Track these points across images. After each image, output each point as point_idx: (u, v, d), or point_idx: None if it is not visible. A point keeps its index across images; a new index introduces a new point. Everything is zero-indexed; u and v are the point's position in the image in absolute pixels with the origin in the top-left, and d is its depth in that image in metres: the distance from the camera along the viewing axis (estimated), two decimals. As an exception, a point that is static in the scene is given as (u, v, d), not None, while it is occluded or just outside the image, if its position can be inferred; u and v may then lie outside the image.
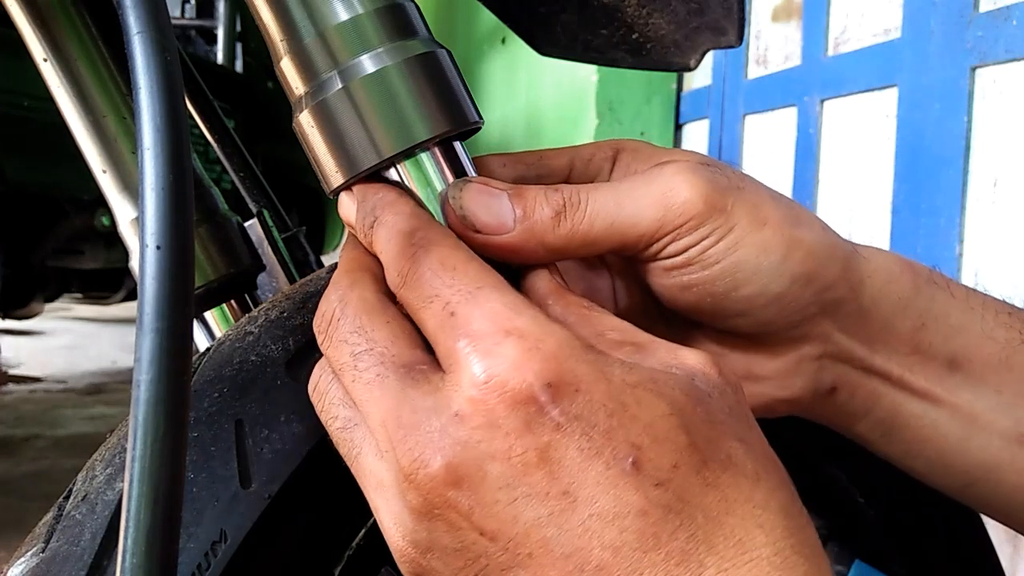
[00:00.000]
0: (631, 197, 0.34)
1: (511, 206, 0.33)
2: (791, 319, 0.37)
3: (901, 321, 0.38)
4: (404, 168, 0.34)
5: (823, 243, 0.37)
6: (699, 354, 0.30)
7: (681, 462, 0.26)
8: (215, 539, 0.32)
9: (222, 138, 0.60)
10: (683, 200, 0.34)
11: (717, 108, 2.49)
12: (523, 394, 0.25)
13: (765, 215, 0.35)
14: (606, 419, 0.26)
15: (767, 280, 0.35)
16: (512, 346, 0.26)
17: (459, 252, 0.30)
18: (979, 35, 1.54)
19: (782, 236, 0.35)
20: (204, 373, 0.36)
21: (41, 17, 0.47)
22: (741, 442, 0.27)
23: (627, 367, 0.27)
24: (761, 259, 0.35)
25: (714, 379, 0.29)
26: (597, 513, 0.25)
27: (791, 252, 0.35)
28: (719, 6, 0.46)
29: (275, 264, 0.55)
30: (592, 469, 0.25)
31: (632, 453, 0.25)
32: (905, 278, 0.39)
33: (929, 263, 0.42)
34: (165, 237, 0.27)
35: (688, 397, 0.27)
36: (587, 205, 0.34)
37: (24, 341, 4.79)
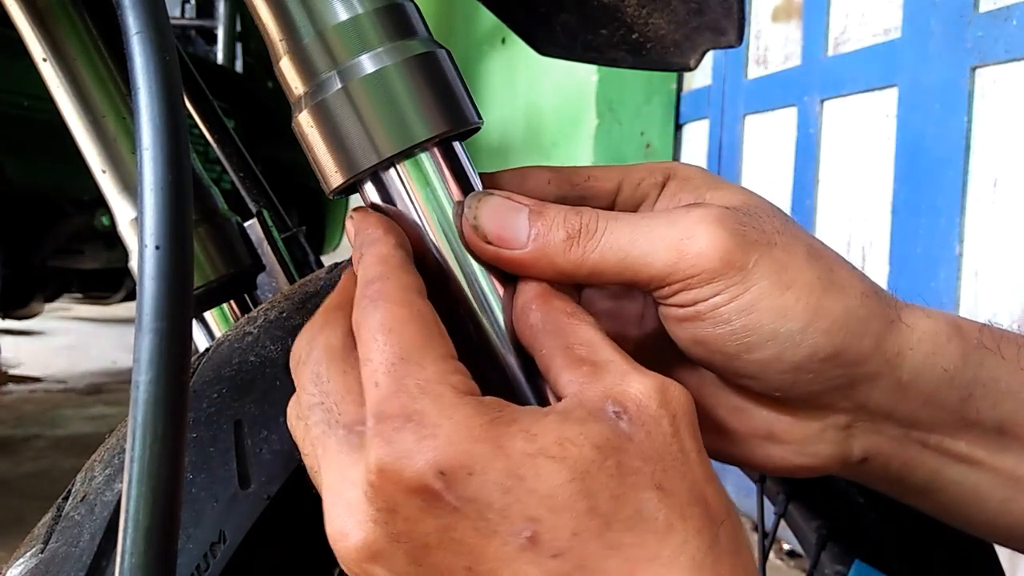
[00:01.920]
0: (649, 236, 0.33)
1: (528, 223, 0.33)
2: (811, 389, 0.35)
3: (946, 393, 0.35)
4: (404, 168, 0.34)
5: (855, 314, 0.34)
6: (646, 381, 0.29)
7: (580, 529, 0.26)
8: (214, 540, 0.32)
9: (222, 138, 0.60)
10: (698, 251, 0.32)
11: (717, 108, 2.49)
12: (417, 483, 0.26)
13: (791, 278, 0.33)
14: (501, 497, 0.26)
15: (784, 348, 0.33)
16: (409, 433, 0.27)
17: (403, 310, 0.30)
18: (979, 35, 1.54)
19: (806, 304, 0.33)
20: (203, 374, 0.36)
21: (40, 17, 0.47)
22: (657, 490, 0.27)
23: (529, 437, 0.27)
24: (778, 325, 0.33)
25: (648, 413, 0.28)
26: None
27: (814, 322, 0.33)
28: (719, 6, 0.46)
29: (275, 264, 0.55)
30: (490, 547, 0.26)
31: (529, 527, 0.26)
32: (952, 347, 0.35)
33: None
34: (164, 237, 0.27)
35: (598, 451, 0.27)
36: (602, 235, 0.33)
37: (24, 341, 4.79)
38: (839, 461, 0.37)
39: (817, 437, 0.36)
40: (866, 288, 0.35)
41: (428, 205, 0.34)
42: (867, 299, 0.35)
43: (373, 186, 0.34)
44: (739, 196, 0.36)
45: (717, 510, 0.28)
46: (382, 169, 0.34)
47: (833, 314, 0.33)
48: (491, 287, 0.34)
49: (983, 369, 0.36)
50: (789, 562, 1.97)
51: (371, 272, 0.31)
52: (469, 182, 0.35)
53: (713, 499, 0.28)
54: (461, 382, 0.29)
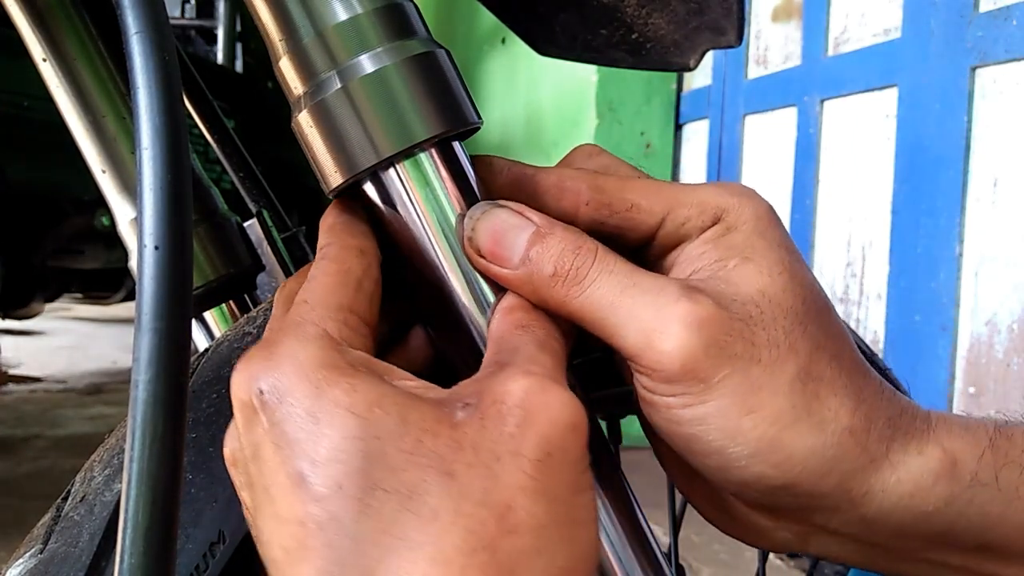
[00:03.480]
0: (630, 307, 0.32)
1: (526, 246, 0.33)
2: (761, 502, 0.34)
3: (922, 528, 0.33)
4: (403, 168, 0.34)
5: (819, 454, 0.32)
6: (525, 383, 0.28)
7: (345, 484, 0.26)
8: (213, 540, 0.32)
9: (222, 138, 0.60)
10: (662, 349, 0.31)
11: (717, 108, 2.49)
12: (245, 396, 0.28)
13: (758, 402, 0.31)
14: (295, 431, 0.27)
15: (729, 465, 0.32)
16: (257, 355, 0.29)
17: (331, 265, 0.32)
18: (979, 35, 1.54)
19: (761, 434, 0.31)
20: (203, 374, 0.36)
21: (40, 17, 0.47)
22: (444, 476, 0.26)
23: (351, 388, 0.27)
24: (727, 445, 0.32)
25: (498, 408, 0.27)
26: (278, 514, 0.27)
27: (763, 454, 0.31)
28: (719, 6, 0.46)
29: (275, 264, 0.55)
30: (279, 473, 0.27)
31: (305, 467, 0.27)
32: (938, 489, 0.33)
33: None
34: (163, 237, 0.27)
35: (402, 425, 0.27)
36: (588, 286, 0.32)
37: (24, 341, 4.79)
38: (796, 550, 0.36)
39: (770, 533, 0.36)
40: (857, 422, 0.32)
41: (427, 205, 0.34)
42: (850, 436, 0.32)
43: (373, 186, 0.34)
44: (765, 279, 0.33)
45: (517, 522, 0.26)
46: (381, 169, 0.34)
47: (791, 449, 0.31)
48: (489, 288, 0.34)
49: (972, 506, 0.33)
50: (789, 562, 1.97)
51: (321, 240, 0.34)
52: (468, 182, 0.35)
53: (522, 511, 0.26)
54: (336, 328, 0.30)
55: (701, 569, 1.90)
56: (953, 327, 1.60)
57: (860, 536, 0.34)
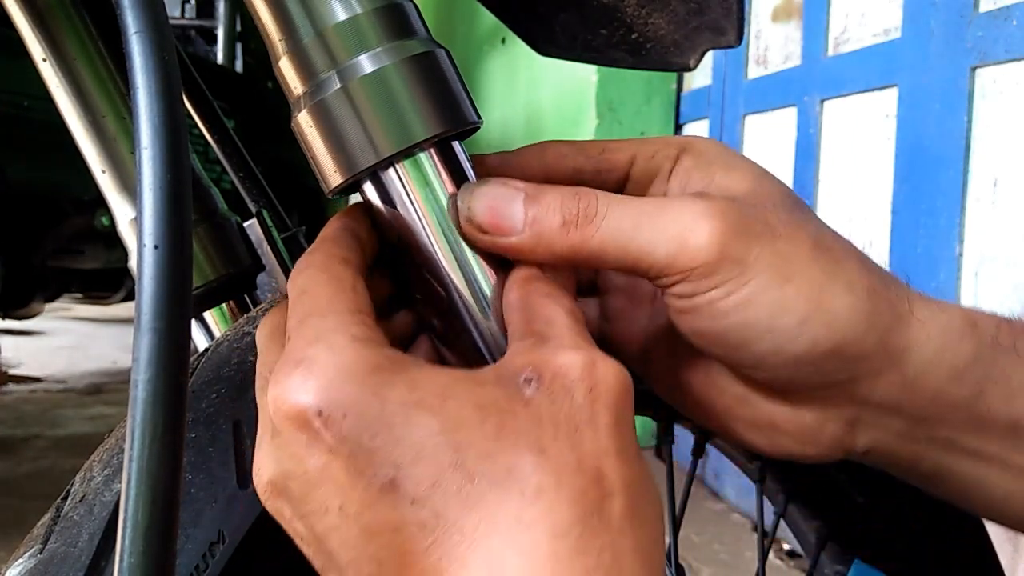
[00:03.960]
0: (651, 224, 0.33)
1: (523, 209, 0.33)
2: (812, 382, 0.35)
3: (956, 390, 0.35)
4: (403, 168, 0.34)
5: (859, 309, 0.33)
6: (577, 355, 0.29)
7: (441, 480, 0.26)
8: (213, 540, 0.32)
9: (222, 138, 0.60)
10: (697, 245, 0.32)
11: (717, 108, 2.49)
12: (299, 420, 0.27)
13: (793, 271, 0.33)
14: (370, 440, 0.27)
15: (782, 341, 0.33)
16: (298, 374, 0.28)
17: (321, 275, 0.31)
18: (979, 35, 1.54)
19: (806, 298, 0.33)
20: (202, 374, 0.36)
21: (40, 17, 0.47)
22: (536, 454, 0.26)
23: (412, 385, 0.27)
24: (775, 320, 0.33)
25: (562, 382, 0.28)
26: (363, 528, 0.27)
27: (813, 316, 0.33)
28: (719, 6, 0.46)
29: (274, 264, 0.55)
30: (357, 487, 0.27)
31: (391, 472, 0.26)
32: (965, 344, 0.35)
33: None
34: (163, 237, 0.27)
35: (479, 411, 0.27)
36: (603, 220, 0.33)
37: (24, 341, 4.79)
38: (842, 451, 0.37)
39: (819, 429, 0.36)
40: (875, 282, 0.34)
41: (427, 204, 0.34)
42: (875, 294, 0.34)
43: (372, 186, 0.34)
44: (748, 180, 0.36)
45: (612, 483, 0.27)
46: (381, 169, 0.34)
47: (835, 309, 0.33)
48: (489, 287, 0.34)
49: (996, 367, 0.35)
50: (789, 562, 1.97)
51: (309, 250, 0.33)
52: (468, 182, 0.35)
53: (612, 473, 0.27)
54: (361, 331, 0.29)
55: (701, 569, 1.90)
56: (953, 327, 1.60)
57: (904, 406, 0.35)
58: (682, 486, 0.60)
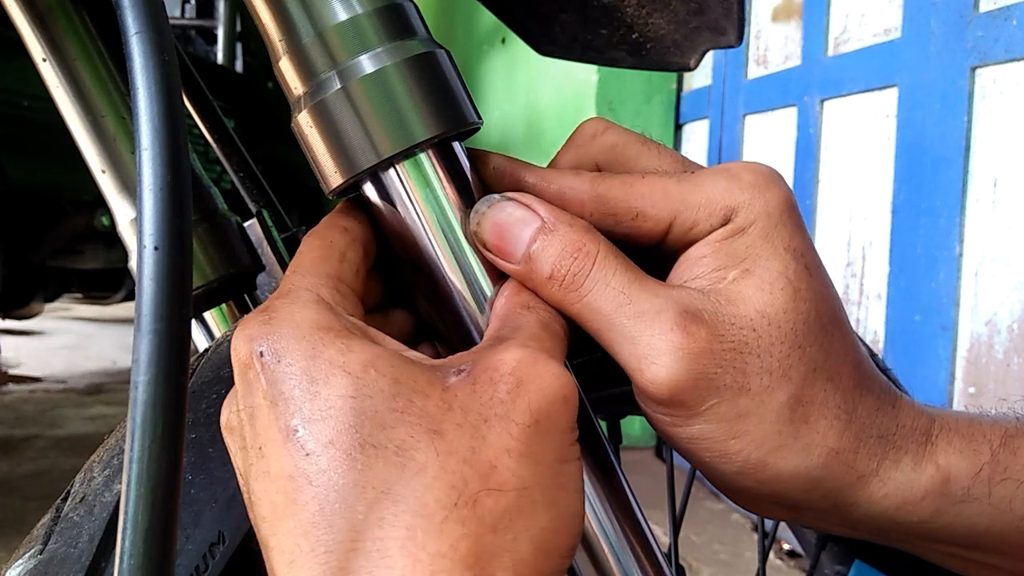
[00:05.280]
0: (624, 326, 0.32)
1: (528, 240, 0.33)
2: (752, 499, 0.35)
3: (907, 531, 0.35)
4: (403, 168, 0.34)
5: (804, 475, 0.33)
6: (519, 354, 0.29)
7: (336, 441, 0.27)
8: (213, 541, 0.32)
9: (222, 138, 0.60)
10: (650, 379, 0.32)
11: (717, 108, 2.49)
12: (244, 359, 0.30)
13: (742, 429, 0.32)
14: (290, 389, 0.28)
15: (721, 475, 0.34)
16: (257, 319, 0.30)
17: (317, 241, 0.33)
18: (979, 35, 1.54)
19: (746, 456, 0.32)
20: (202, 374, 0.36)
21: (40, 17, 0.47)
22: (432, 435, 0.27)
23: (345, 349, 0.28)
24: (715, 462, 0.33)
25: (490, 375, 0.28)
26: (269, 470, 0.28)
27: (751, 473, 0.33)
28: (719, 6, 0.46)
29: (274, 264, 0.55)
30: (272, 430, 0.28)
31: (298, 423, 0.28)
32: (927, 504, 0.34)
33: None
34: (163, 237, 0.27)
35: (394, 385, 0.28)
36: (585, 295, 0.33)
37: (24, 341, 4.79)
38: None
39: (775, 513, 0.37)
40: (844, 445, 0.33)
41: (427, 205, 0.34)
42: (835, 457, 0.33)
43: (372, 186, 0.34)
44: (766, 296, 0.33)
45: (501, 482, 0.27)
46: (381, 169, 0.34)
47: (774, 471, 0.32)
48: (488, 288, 0.34)
49: (959, 518, 0.34)
50: (789, 562, 1.97)
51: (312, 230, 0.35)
52: (468, 182, 0.35)
53: (507, 472, 0.27)
54: (330, 295, 0.31)
55: (701, 569, 1.90)
56: (953, 327, 1.60)
57: (849, 530, 0.36)
58: (682, 486, 0.60)
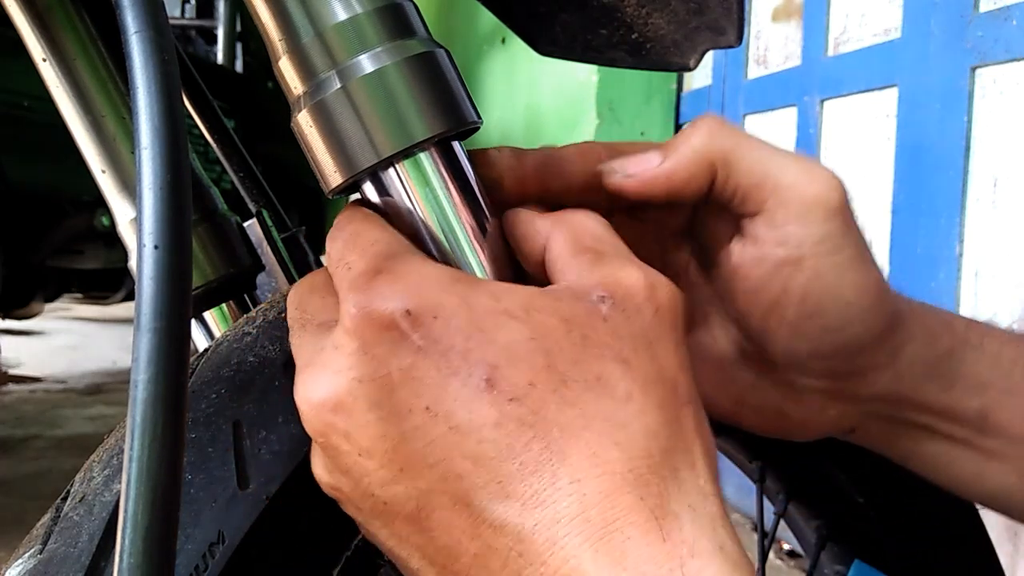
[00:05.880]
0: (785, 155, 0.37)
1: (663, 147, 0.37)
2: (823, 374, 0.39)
3: (933, 382, 0.39)
4: (403, 168, 0.34)
5: (889, 306, 0.38)
6: (639, 274, 0.30)
7: (537, 381, 0.27)
8: (213, 540, 0.32)
9: (222, 138, 0.60)
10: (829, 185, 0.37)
11: (717, 108, 2.49)
12: (387, 320, 0.28)
13: (866, 258, 0.37)
14: (463, 341, 0.28)
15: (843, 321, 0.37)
16: (380, 281, 0.29)
17: (365, 224, 0.32)
18: (979, 35, 1.54)
19: (872, 286, 0.37)
20: (202, 374, 0.36)
21: (40, 17, 0.47)
22: (621, 364, 0.28)
23: (495, 296, 0.29)
24: (853, 297, 0.37)
25: (633, 301, 0.30)
26: (455, 426, 0.27)
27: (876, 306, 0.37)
28: (719, 6, 0.46)
29: (274, 264, 0.55)
30: (449, 387, 0.27)
31: (487, 372, 0.27)
32: (942, 342, 0.40)
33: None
34: (163, 237, 0.27)
35: (564, 323, 0.28)
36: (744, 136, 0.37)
37: (24, 341, 4.79)
38: (834, 432, 0.41)
39: (819, 415, 0.40)
40: (885, 285, 0.39)
41: (427, 204, 0.34)
42: (886, 290, 0.38)
43: (372, 186, 0.34)
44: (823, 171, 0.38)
45: (685, 394, 0.29)
46: (381, 169, 0.34)
47: (881, 305, 0.37)
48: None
49: (965, 363, 0.39)
50: (789, 562, 1.97)
51: (335, 223, 0.34)
52: (468, 182, 0.35)
53: (683, 385, 0.30)
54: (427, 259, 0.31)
55: (701, 569, 1.89)
56: (953, 327, 1.60)
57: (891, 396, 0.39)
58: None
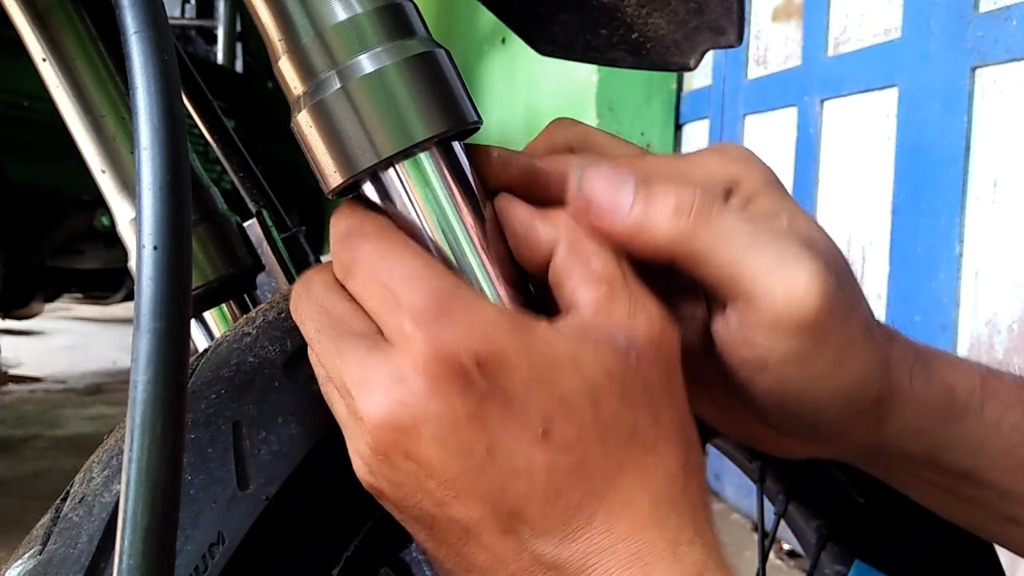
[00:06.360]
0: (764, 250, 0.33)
1: (634, 191, 0.34)
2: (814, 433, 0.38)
3: (920, 445, 0.39)
4: (403, 168, 0.34)
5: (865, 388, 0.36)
6: (653, 318, 0.32)
7: (585, 433, 0.30)
8: (212, 541, 0.32)
9: (222, 138, 0.60)
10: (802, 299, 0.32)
11: (717, 108, 2.49)
12: (456, 365, 0.29)
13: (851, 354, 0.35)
14: (524, 391, 0.30)
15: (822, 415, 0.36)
16: (448, 322, 0.30)
17: (389, 242, 0.32)
18: (979, 35, 1.54)
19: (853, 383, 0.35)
20: (202, 374, 0.35)
21: (40, 17, 0.47)
22: (650, 415, 0.31)
23: (549, 343, 0.30)
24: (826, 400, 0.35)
25: (652, 350, 0.32)
26: (512, 468, 0.30)
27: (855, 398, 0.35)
28: (719, 6, 0.46)
29: (274, 264, 0.55)
30: (510, 431, 0.30)
31: (544, 422, 0.30)
32: (937, 412, 0.38)
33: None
34: (162, 237, 0.27)
35: (608, 376, 0.31)
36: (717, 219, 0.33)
37: (24, 341, 4.79)
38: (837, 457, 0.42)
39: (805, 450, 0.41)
40: (890, 356, 0.37)
41: (427, 205, 0.34)
42: (885, 369, 0.36)
43: (372, 186, 0.34)
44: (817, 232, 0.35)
45: (691, 436, 0.33)
46: (381, 169, 0.34)
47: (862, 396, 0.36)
48: (490, 287, 0.34)
49: (961, 428, 0.38)
50: (789, 562, 1.97)
51: (340, 225, 0.33)
52: (468, 182, 0.35)
53: (688, 427, 0.33)
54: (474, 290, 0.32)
55: (701, 569, 1.89)
56: (953, 327, 1.60)
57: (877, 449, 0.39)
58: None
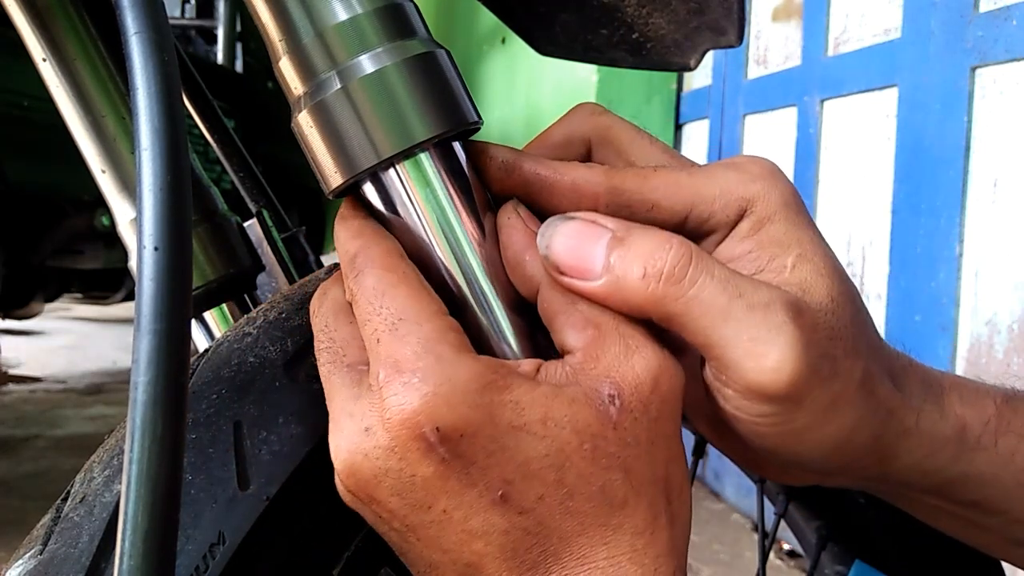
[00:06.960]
0: (741, 319, 0.31)
1: (605, 251, 0.32)
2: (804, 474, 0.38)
3: (929, 480, 0.37)
4: (403, 168, 0.34)
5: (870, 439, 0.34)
6: (649, 360, 0.31)
7: (546, 495, 0.30)
8: (213, 541, 0.32)
9: (222, 138, 0.60)
10: (774, 372, 0.31)
11: (717, 108, 2.49)
12: (418, 434, 0.29)
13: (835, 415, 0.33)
14: (484, 458, 0.30)
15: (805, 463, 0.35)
16: (414, 391, 0.30)
17: (391, 276, 0.32)
18: (979, 35, 1.54)
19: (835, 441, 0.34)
20: (202, 374, 0.35)
21: (40, 17, 0.47)
22: (623, 472, 0.31)
23: (518, 410, 0.30)
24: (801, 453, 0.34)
25: (640, 398, 0.31)
26: (468, 529, 0.30)
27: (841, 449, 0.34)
28: (719, 6, 0.46)
29: (274, 264, 0.55)
30: (467, 496, 0.30)
31: (503, 487, 0.30)
32: (948, 449, 0.36)
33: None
34: (163, 238, 0.27)
35: (577, 436, 0.30)
36: (691, 287, 0.31)
37: (24, 341, 4.79)
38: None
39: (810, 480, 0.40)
40: (896, 404, 0.35)
41: (427, 205, 0.34)
42: (890, 417, 0.35)
43: (372, 186, 0.34)
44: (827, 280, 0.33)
45: (673, 484, 0.32)
46: (381, 169, 0.34)
47: (857, 441, 0.34)
48: (490, 287, 0.34)
49: (972, 465, 0.37)
50: (789, 562, 1.97)
51: (350, 246, 0.33)
52: (468, 182, 0.35)
53: (674, 475, 0.32)
54: (456, 339, 0.31)
55: (701, 569, 1.90)
56: (953, 327, 1.60)
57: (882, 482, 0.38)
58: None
